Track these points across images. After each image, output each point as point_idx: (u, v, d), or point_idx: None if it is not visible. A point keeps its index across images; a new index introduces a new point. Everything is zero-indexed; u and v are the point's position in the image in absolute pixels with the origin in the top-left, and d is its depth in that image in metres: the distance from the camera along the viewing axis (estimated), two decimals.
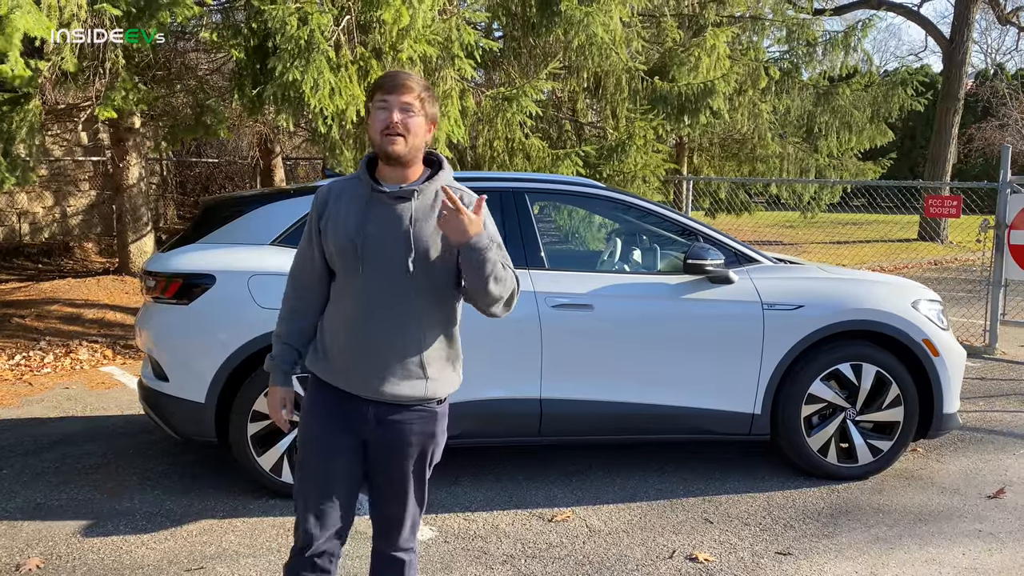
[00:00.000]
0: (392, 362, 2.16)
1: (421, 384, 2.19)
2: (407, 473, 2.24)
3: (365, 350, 2.16)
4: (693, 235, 4.37)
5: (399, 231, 2.13)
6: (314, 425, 2.24)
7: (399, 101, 2.09)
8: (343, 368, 2.19)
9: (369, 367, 2.16)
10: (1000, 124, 26.99)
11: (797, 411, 4.15)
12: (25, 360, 6.84)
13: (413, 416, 2.21)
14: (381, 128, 2.09)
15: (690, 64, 10.75)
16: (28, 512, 3.87)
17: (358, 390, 2.18)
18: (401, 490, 2.24)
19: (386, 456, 2.22)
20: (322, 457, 2.22)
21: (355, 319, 2.17)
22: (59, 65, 6.08)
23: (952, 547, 3.52)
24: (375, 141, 2.12)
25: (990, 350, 7.55)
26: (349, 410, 2.20)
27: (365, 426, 2.20)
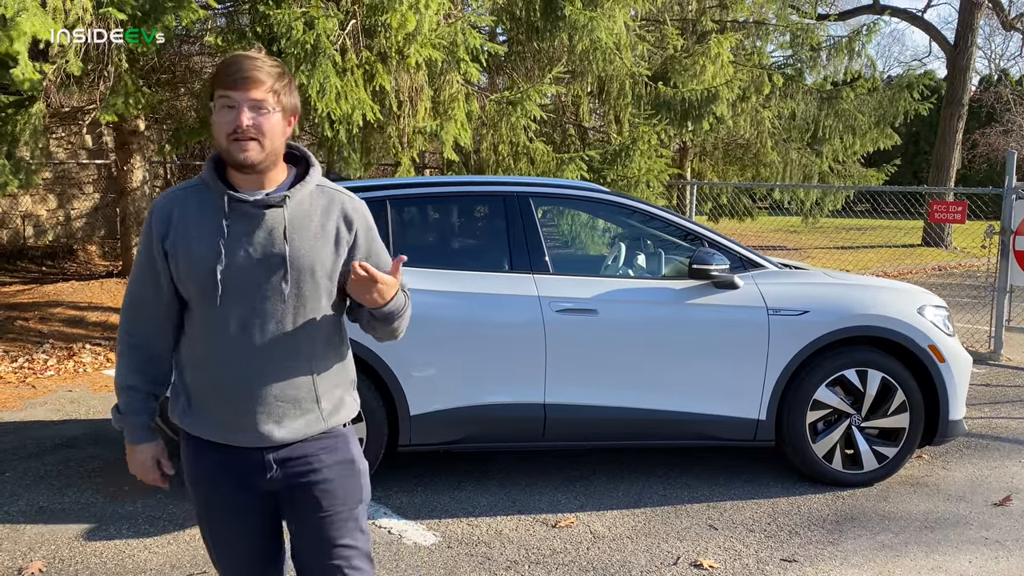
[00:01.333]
0: (278, 402, 1.82)
1: (316, 417, 1.88)
2: (336, 515, 1.89)
3: (242, 393, 1.81)
4: (698, 240, 4.36)
5: (270, 248, 1.78)
6: (203, 493, 1.90)
7: (247, 98, 1.71)
8: (220, 418, 1.84)
9: (250, 412, 1.81)
10: (1005, 130, 26.96)
11: (802, 417, 4.14)
12: (28, 363, 6.84)
13: (319, 447, 1.88)
14: (227, 132, 1.72)
15: (694, 71, 10.76)
16: (31, 515, 3.86)
17: (244, 441, 1.84)
18: (334, 541, 1.89)
19: (306, 502, 1.88)
20: (228, 528, 1.91)
21: (225, 358, 1.80)
22: (64, 68, 6.09)
23: (958, 555, 3.50)
24: (221, 147, 1.75)
25: (995, 356, 7.52)
26: (241, 464, 1.86)
27: (265, 477, 1.86)
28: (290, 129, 1.83)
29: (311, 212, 1.83)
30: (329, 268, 1.84)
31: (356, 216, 1.90)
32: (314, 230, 1.83)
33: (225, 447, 1.87)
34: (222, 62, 1.79)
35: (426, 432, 3.97)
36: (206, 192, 1.82)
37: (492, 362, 4.01)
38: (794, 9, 15.38)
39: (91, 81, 6.85)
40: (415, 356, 3.93)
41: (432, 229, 4.68)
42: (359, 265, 1.77)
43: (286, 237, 1.79)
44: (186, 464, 1.95)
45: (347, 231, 1.87)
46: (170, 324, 1.89)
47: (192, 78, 9.20)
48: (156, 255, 1.83)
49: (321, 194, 1.87)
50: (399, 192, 4.28)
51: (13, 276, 10.72)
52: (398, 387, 3.92)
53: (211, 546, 1.99)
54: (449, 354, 3.99)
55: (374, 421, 3.93)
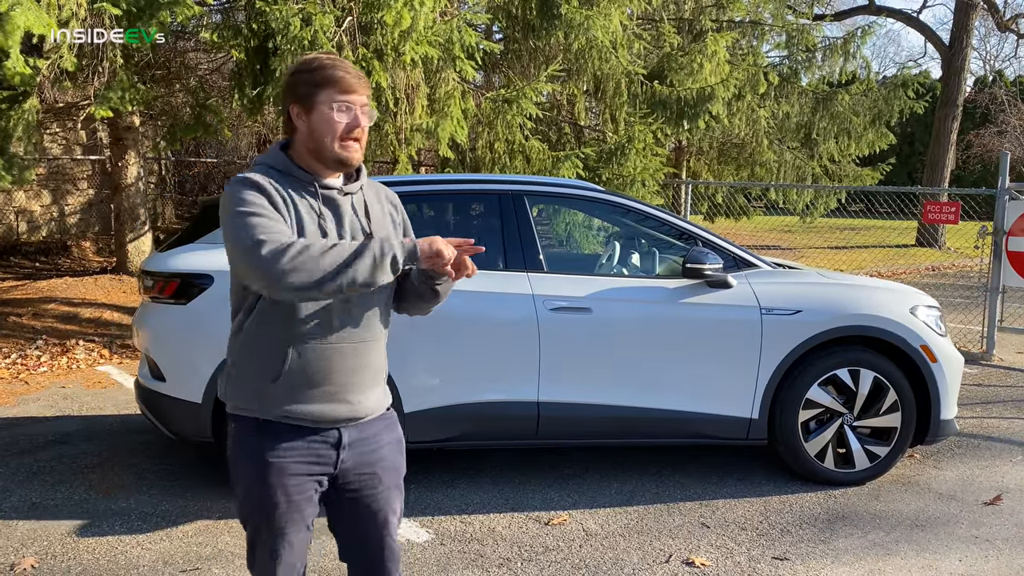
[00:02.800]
0: (367, 374, 1.96)
1: (384, 391, 2.04)
2: (389, 490, 2.03)
3: (346, 363, 1.91)
4: (692, 239, 4.37)
5: (357, 229, 1.93)
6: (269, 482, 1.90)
7: (361, 102, 1.87)
8: (321, 392, 1.90)
9: (350, 384, 1.92)
10: (999, 130, 27.05)
11: (795, 416, 4.15)
12: (22, 359, 6.82)
13: (380, 426, 2.03)
14: (343, 133, 1.85)
15: (689, 69, 10.77)
16: (23, 511, 3.86)
17: (333, 413, 1.91)
18: (391, 513, 2.04)
19: (373, 481, 2.00)
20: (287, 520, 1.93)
21: (331, 332, 1.88)
22: (58, 64, 6.07)
23: (949, 553, 3.52)
24: (326, 146, 1.85)
25: (987, 356, 7.56)
26: (317, 447, 1.93)
27: (338, 458, 1.95)
28: None
29: (373, 200, 2.02)
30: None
31: (398, 203, 2.12)
32: (379, 214, 2.01)
33: (304, 430, 1.91)
34: (323, 64, 1.86)
35: (420, 430, 3.98)
36: (290, 179, 1.89)
37: (486, 360, 4.01)
38: (790, 9, 15.41)
39: (85, 77, 6.83)
40: (409, 354, 3.93)
41: (427, 227, 4.68)
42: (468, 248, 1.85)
43: (368, 217, 1.96)
44: (252, 454, 1.92)
45: (396, 215, 2.09)
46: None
47: (187, 74, 9.19)
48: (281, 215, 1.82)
49: (371, 185, 2.06)
50: (395, 190, 4.26)
51: (6, 272, 10.68)
52: (392, 384, 3.92)
53: (267, 543, 1.95)
54: (443, 352, 3.99)
55: None
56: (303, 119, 1.88)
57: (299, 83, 1.88)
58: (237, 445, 1.96)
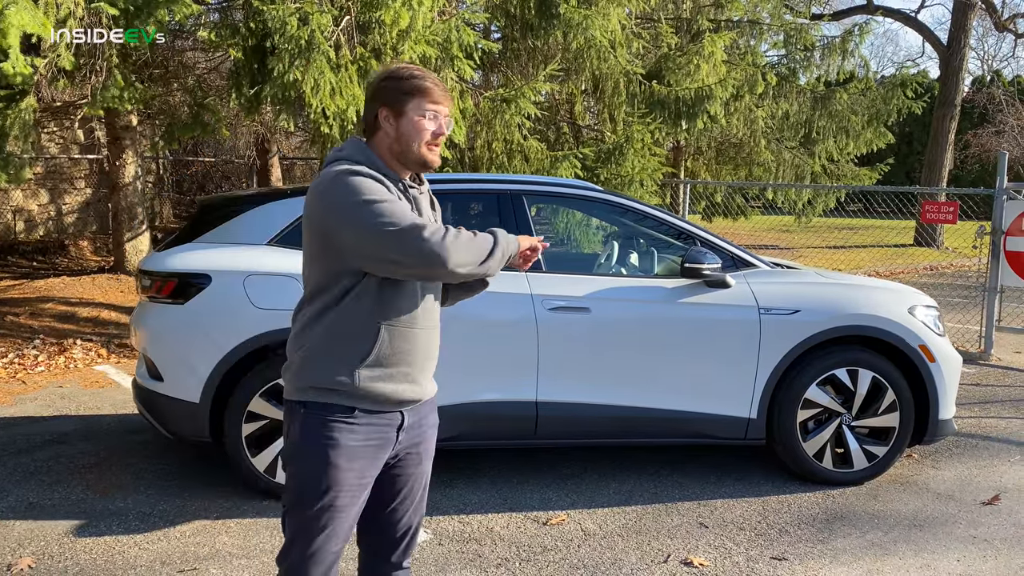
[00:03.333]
0: (434, 359, 2.14)
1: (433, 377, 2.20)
2: (424, 466, 2.18)
3: (423, 347, 2.06)
4: (690, 239, 4.37)
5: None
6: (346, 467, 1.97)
7: (445, 112, 2.03)
8: (394, 373, 2.00)
9: (422, 365, 2.07)
10: (997, 130, 27.07)
11: (793, 416, 4.15)
12: (19, 358, 6.81)
13: (428, 409, 2.17)
14: (430, 139, 2.00)
15: (688, 69, 10.76)
16: (20, 511, 3.85)
17: (408, 394, 2.04)
18: (423, 492, 2.20)
19: (416, 460, 2.14)
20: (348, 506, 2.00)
21: (412, 317, 2.02)
22: (55, 63, 6.06)
23: (947, 553, 3.52)
24: (413, 149, 1.99)
25: (985, 356, 7.57)
26: (386, 431, 2.03)
27: (396, 441, 2.06)
28: None
29: (428, 201, 2.16)
30: None
31: (436, 203, 2.24)
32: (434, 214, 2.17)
33: (376, 415, 2.00)
34: (415, 74, 2.01)
35: None
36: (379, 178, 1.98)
37: (484, 360, 4.01)
38: (788, 9, 15.41)
39: (83, 76, 6.82)
40: None
41: None
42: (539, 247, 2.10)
43: (434, 210, 2.16)
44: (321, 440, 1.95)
45: (434, 212, 2.20)
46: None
47: (185, 73, 9.17)
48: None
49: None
50: None
51: (3, 271, 10.66)
52: None
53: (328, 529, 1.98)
54: (441, 351, 3.97)
55: None
56: (391, 123, 2.00)
57: (390, 89, 2.01)
58: (307, 429, 1.98)
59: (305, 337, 2.00)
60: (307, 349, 1.99)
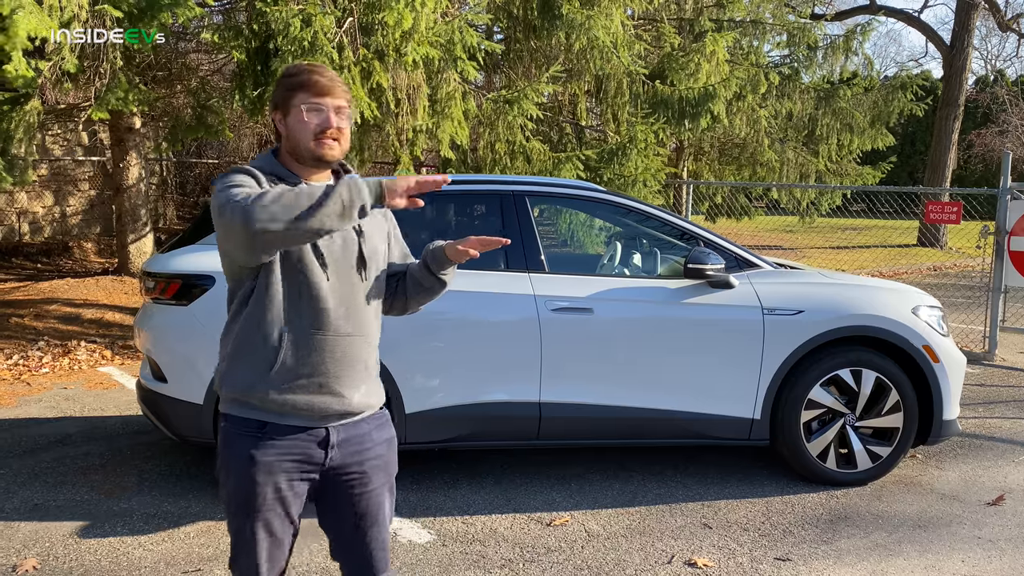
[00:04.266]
0: (358, 369, 1.99)
1: (377, 388, 2.08)
2: (380, 488, 2.06)
3: (338, 356, 1.95)
4: (693, 239, 4.37)
5: (348, 232, 1.98)
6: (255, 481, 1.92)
7: (333, 104, 1.94)
8: (304, 384, 1.93)
9: (337, 375, 1.95)
10: (1000, 130, 27.03)
11: (797, 416, 4.15)
12: (23, 360, 6.83)
13: (371, 425, 2.06)
14: (317, 132, 1.92)
15: (690, 69, 10.76)
16: (25, 512, 3.86)
17: (323, 405, 1.94)
18: (380, 510, 2.07)
19: (362, 481, 2.03)
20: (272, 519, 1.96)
21: (321, 322, 1.93)
22: (59, 65, 6.08)
23: (951, 554, 3.51)
24: (303, 144, 1.93)
25: (989, 356, 7.55)
26: (306, 447, 1.95)
27: (326, 457, 1.98)
28: None
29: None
30: (384, 249, 2.10)
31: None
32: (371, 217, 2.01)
33: (293, 429, 1.94)
34: (298, 71, 1.98)
35: (421, 430, 3.98)
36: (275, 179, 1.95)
37: (487, 361, 4.01)
38: (790, 9, 15.40)
39: (87, 78, 6.83)
40: (411, 354, 3.93)
41: (428, 227, 4.68)
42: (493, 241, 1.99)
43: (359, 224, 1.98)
44: (240, 453, 1.94)
45: (384, 220, 2.15)
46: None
47: (188, 75, 9.19)
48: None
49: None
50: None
51: (8, 273, 10.69)
52: (393, 385, 3.92)
53: (246, 539, 1.98)
54: (445, 352, 3.99)
55: None
56: (282, 123, 1.98)
57: (277, 90, 2.00)
58: (227, 442, 1.98)
59: (223, 345, 2.00)
60: (223, 357, 2.00)
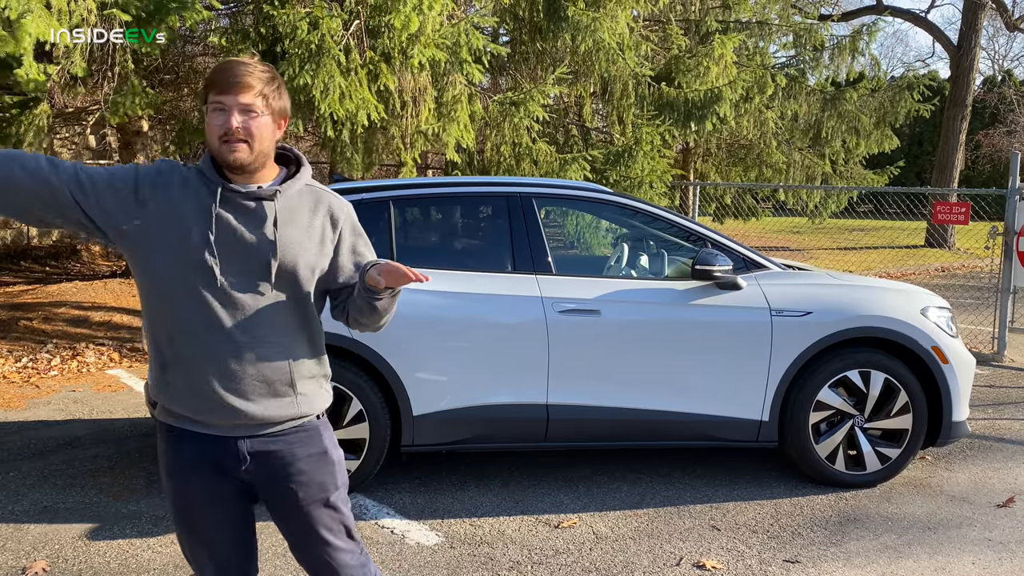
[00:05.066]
0: (254, 382, 1.87)
1: (291, 401, 1.92)
2: (312, 506, 1.96)
3: (223, 369, 1.84)
4: (701, 241, 4.36)
5: (259, 235, 1.84)
6: (180, 482, 1.93)
7: (237, 102, 1.78)
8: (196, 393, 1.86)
9: (228, 390, 1.85)
10: (1008, 130, 26.91)
11: (805, 418, 4.13)
12: (32, 363, 6.86)
13: (293, 439, 1.94)
14: (219, 135, 1.79)
15: (697, 71, 10.76)
16: (34, 515, 3.87)
17: (214, 419, 1.87)
18: (316, 528, 1.97)
19: (280, 495, 1.96)
20: (205, 517, 1.95)
21: (208, 339, 1.83)
22: (68, 69, 6.11)
23: (961, 556, 3.49)
24: (213, 148, 1.82)
25: (999, 357, 7.52)
26: (217, 452, 1.90)
27: (241, 468, 1.91)
28: (280, 131, 1.90)
29: (299, 208, 1.91)
30: (312, 262, 1.91)
31: (341, 215, 1.98)
32: (302, 225, 1.91)
33: (202, 436, 1.91)
34: (215, 68, 1.85)
35: (429, 433, 3.98)
36: (202, 180, 1.86)
37: (495, 363, 4.01)
38: (797, 10, 15.38)
39: (95, 82, 6.87)
40: (418, 356, 3.93)
41: (435, 230, 4.69)
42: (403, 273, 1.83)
43: (276, 227, 1.86)
44: (162, 459, 1.97)
45: (332, 230, 1.96)
46: (36, 212, 1.82)
47: (196, 78, 9.22)
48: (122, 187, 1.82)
49: (310, 193, 1.95)
50: (402, 193, 4.29)
51: (17, 276, 10.74)
52: (401, 387, 3.93)
53: (187, 540, 2.02)
54: (452, 354, 3.99)
55: (377, 422, 3.94)
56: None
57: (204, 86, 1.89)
58: (158, 452, 2.01)
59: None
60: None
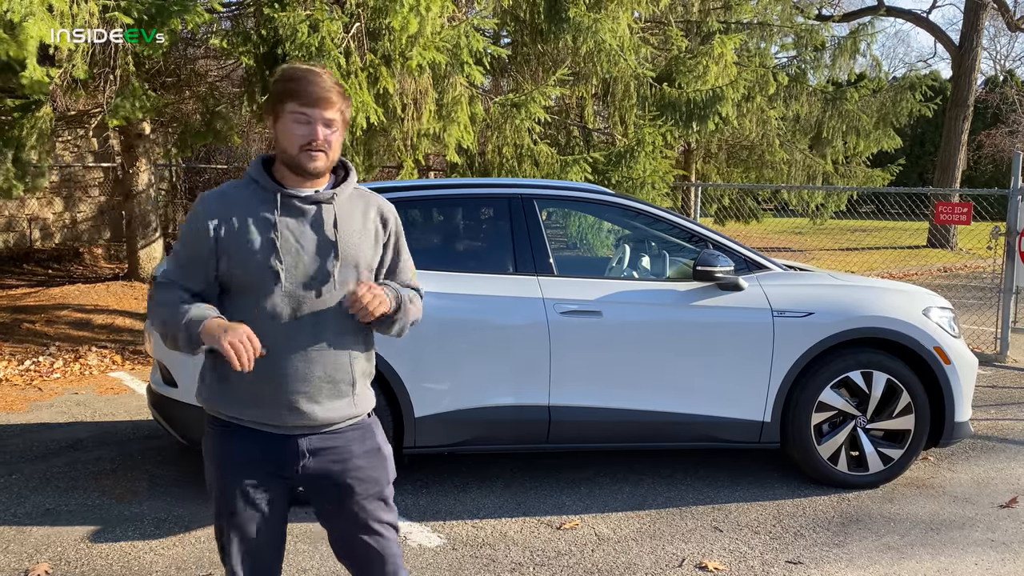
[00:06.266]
0: (321, 383, 1.97)
1: (349, 401, 2.03)
2: (367, 501, 2.05)
3: (292, 374, 1.94)
4: (702, 241, 4.36)
5: (321, 238, 1.95)
6: (231, 481, 1.98)
7: (322, 116, 1.89)
8: (262, 399, 1.95)
9: (298, 392, 1.95)
10: (1010, 130, 26.89)
11: (807, 419, 4.13)
12: (35, 365, 6.87)
13: (351, 436, 2.04)
14: (301, 144, 1.89)
15: (698, 72, 10.76)
16: (37, 517, 3.88)
17: (281, 419, 1.96)
18: (370, 521, 2.06)
19: (336, 490, 2.03)
20: (251, 518, 2.00)
21: (278, 341, 1.92)
22: (70, 72, 6.12)
23: (964, 557, 3.49)
24: (289, 154, 1.92)
25: (1001, 358, 7.50)
26: (275, 451, 1.98)
27: (298, 465, 1.99)
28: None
29: (353, 210, 2.02)
30: (369, 261, 2.03)
31: (391, 216, 2.11)
32: (357, 226, 2.02)
33: (261, 434, 1.98)
34: (291, 76, 1.92)
35: (430, 434, 3.98)
36: (255, 189, 1.97)
37: (496, 364, 4.01)
38: (798, 10, 15.37)
39: (97, 85, 6.88)
40: (420, 358, 3.94)
41: (437, 231, 4.69)
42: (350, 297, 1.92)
43: (336, 228, 1.96)
44: (214, 453, 2.02)
45: (383, 229, 2.09)
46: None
47: (197, 81, 9.24)
48: (204, 246, 1.94)
49: (359, 195, 2.07)
50: (404, 195, 4.29)
51: (20, 279, 10.76)
52: (403, 389, 3.93)
53: (228, 535, 2.03)
54: (453, 356, 3.99)
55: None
56: (273, 128, 1.97)
57: (272, 92, 1.97)
58: (206, 445, 2.06)
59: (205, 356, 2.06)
60: (203, 365, 2.07)
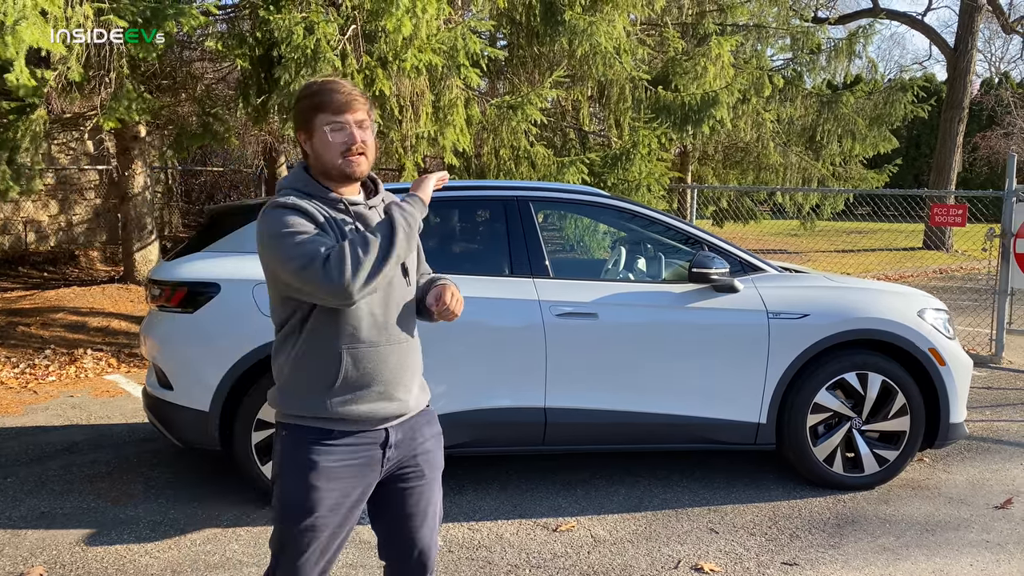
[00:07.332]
0: (409, 373, 2.10)
1: (423, 387, 2.19)
2: (432, 483, 2.16)
3: (393, 363, 2.04)
4: (698, 243, 4.36)
5: None
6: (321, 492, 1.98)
7: (354, 119, 1.98)
8: (369, 394, 2.02)
9: (397, 381, 2.05)
10: (1005, 132, 26.95)
11: (803, 420, 4.14)
12: (30, 368, 6.85)
13: (422, 421, 2.16)
14: (343, 150, 1.97)
15: (694, 74, 10.78)
16: (32, 520, 3.87)
17: (384, 411, 2.03)
18: (430, 507, 2.15)
19: (417, 475, 2.12)
20: (340, 532, 2.04)
21: (377, 336, 2.02)
22: (65, 74, 6.11)
23: (959, 557, 3.50)
24: (333, 163, 1.98)
25: (996, 359, 7.52)
26: (368, 450, 2.03)
27: (384, 458, 2.06)
28: None
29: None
30: (415, 259, 2.19)
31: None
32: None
33: (357, 435, 2.01)
34: (315, 90, 2.00)
35: None
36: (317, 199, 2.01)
37: (492, 366, 4.01)
38: (794, 12, 15.41)
39: (92, 87, 6.87)
40: None
41: (432, 234, 4.68)
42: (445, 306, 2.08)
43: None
44: (301, 462, 1.99)
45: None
46: None
47: (193, 83, 9.22)
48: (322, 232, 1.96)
49: (389, 197, 2.18)
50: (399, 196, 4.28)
51: (15, 282, 10.73)
52: None
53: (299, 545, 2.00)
54: (449, 358, 3.99)
55: None
56: (308, 144, 2.02)
57: (298, 112, 2.03)
58: (287, 453, 2.03)
59: (277, 368, 2.07)
60: (280, 379, 2.07)
